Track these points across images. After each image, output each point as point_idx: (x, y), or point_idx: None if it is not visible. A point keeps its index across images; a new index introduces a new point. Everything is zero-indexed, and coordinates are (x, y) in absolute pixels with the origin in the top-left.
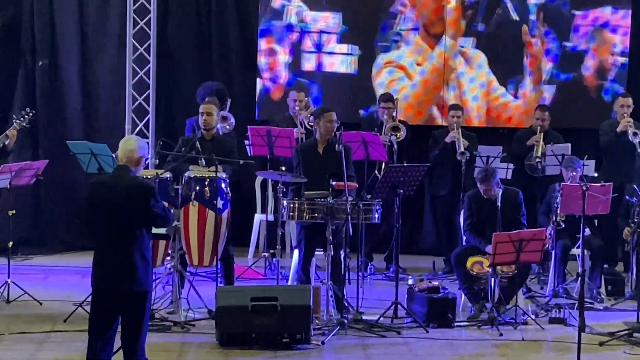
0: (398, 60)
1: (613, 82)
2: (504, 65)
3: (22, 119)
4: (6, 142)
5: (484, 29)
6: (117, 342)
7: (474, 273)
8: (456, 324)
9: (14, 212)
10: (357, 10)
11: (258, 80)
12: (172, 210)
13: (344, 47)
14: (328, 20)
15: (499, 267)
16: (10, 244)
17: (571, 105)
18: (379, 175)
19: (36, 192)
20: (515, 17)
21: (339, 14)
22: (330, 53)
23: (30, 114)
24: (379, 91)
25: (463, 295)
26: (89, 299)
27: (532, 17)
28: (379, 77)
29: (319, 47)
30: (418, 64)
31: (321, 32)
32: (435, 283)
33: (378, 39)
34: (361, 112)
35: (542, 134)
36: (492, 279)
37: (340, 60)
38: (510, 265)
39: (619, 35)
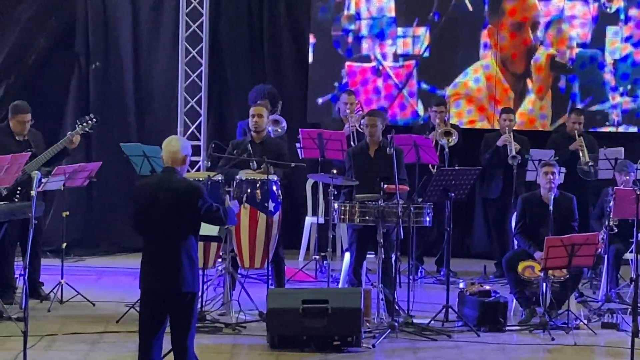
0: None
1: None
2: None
3: (85, 124)
4: (68, 146)
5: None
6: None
7: (525, 277)
8: (507, 328)
9: (67, 213)
10: None
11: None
12: (233, 204)
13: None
14: None
15: (550, 272)
16: (64, 245)
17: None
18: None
19: (89, 194)
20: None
21: None
22: None
23: (94, 120)
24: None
25: (514, 300)
26: None
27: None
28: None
29: None
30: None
31: None
32: (487, 287)
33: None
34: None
35: (581, 137)
36: (544, 284)
37: None
38: (562, 269)
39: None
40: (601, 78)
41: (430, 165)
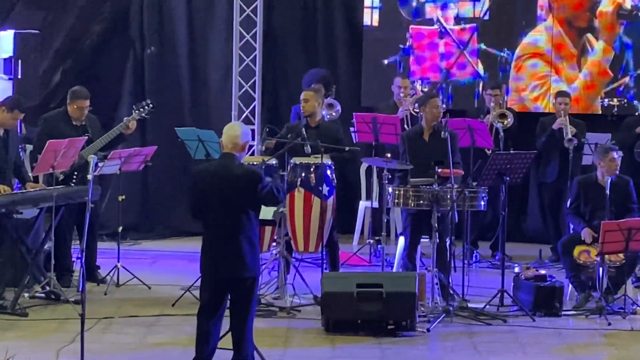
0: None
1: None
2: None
3: (141, 109)
4: (125, 131)
5: None
6: (225, 326)
7: (581, 262)
8: (563, 313)
9: (123, 197)
10: None
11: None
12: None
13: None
14: None
15: (607, 256)
16: (120, 229)
17: None
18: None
19: (145, 178)
20: None
21: None
22: None
23: (151, 106)
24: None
25: (570, 284)
26: (197, 284)
27: None
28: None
29: None
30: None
31: None
32: (542, 271)
33: None
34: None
35: None
36: (600, 268)
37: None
38: (618, 254)
39: None
40: None
41: (486, 149)
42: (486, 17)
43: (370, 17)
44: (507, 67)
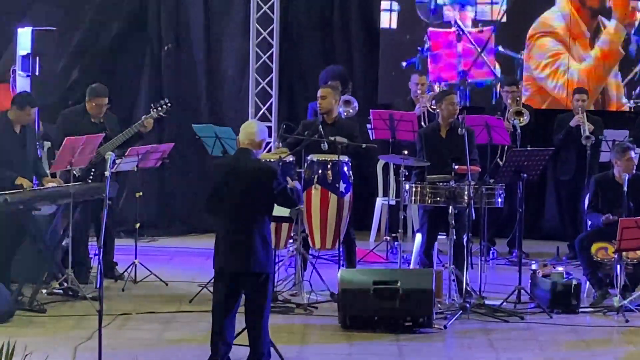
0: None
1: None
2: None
3: (159, 108)
4: (142, 130)
5: None
6: (241, 323)
7: (598, 259)
8: (581, 310)
9: (140, 194)
10: None
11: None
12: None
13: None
14: None
15: (624, 253)
16: (137, 225)
17: None
18: (500, 162)
19: (162, 174)
20: None
21: None
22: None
23: (169, 104)
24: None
25: (587, 281)
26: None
27: None
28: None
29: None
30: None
31: None
32: (560, 268)
33: None
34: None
35: None
36: (618, 265)
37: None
38: (636, 251)
39: None
40: None
41: (499, 147)
42: (503, 20)
43: (389, 20)
44: (523, 69)
